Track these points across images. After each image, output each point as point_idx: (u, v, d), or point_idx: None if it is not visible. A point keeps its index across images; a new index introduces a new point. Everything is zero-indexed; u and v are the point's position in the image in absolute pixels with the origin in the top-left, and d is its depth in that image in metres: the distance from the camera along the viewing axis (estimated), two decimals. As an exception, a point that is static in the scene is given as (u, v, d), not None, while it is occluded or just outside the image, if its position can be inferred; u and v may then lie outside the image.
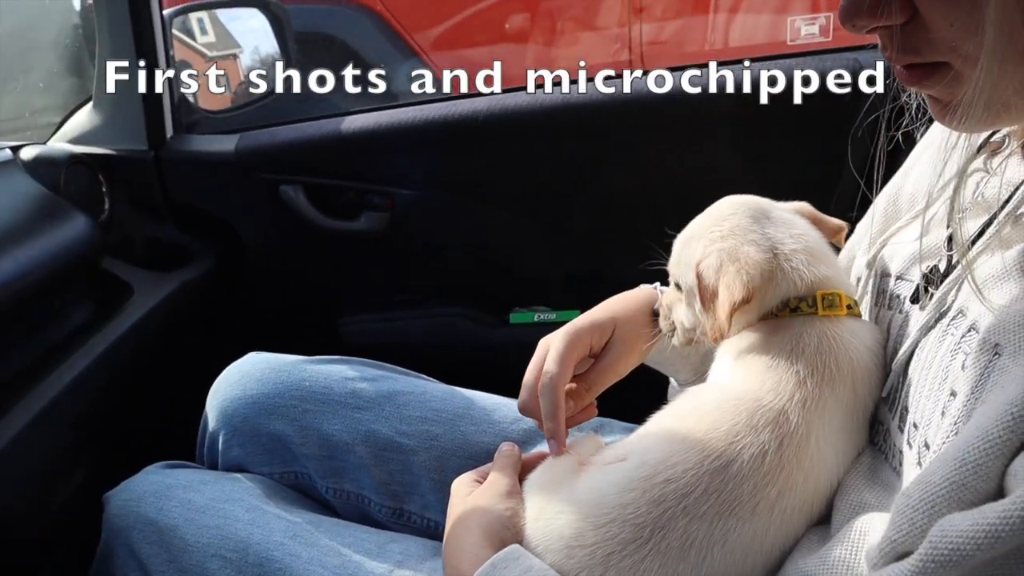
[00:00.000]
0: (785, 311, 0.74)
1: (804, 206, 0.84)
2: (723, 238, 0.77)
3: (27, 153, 1.49)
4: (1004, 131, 0.69)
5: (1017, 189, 0.62)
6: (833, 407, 0.70)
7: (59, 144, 1.67)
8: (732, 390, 0.72)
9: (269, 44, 2.27)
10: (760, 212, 0.79)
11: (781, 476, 0.67)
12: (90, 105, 1.71)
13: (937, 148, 0.78)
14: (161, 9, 1.64)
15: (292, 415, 1.09)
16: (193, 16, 2.90)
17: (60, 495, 1.31)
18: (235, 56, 3.25)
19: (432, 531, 1.05)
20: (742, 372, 0.73)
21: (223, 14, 3.11)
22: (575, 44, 3.26)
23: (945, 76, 0.56)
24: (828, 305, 0.75)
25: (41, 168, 1.48)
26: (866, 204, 0.89)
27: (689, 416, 0.72)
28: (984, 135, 0.71)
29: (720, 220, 0.79)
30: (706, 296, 0.75)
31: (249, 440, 1.12)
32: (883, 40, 0.59)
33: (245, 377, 1.14)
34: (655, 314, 0.91)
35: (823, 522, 0.68)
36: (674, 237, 0.85)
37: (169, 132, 1.71)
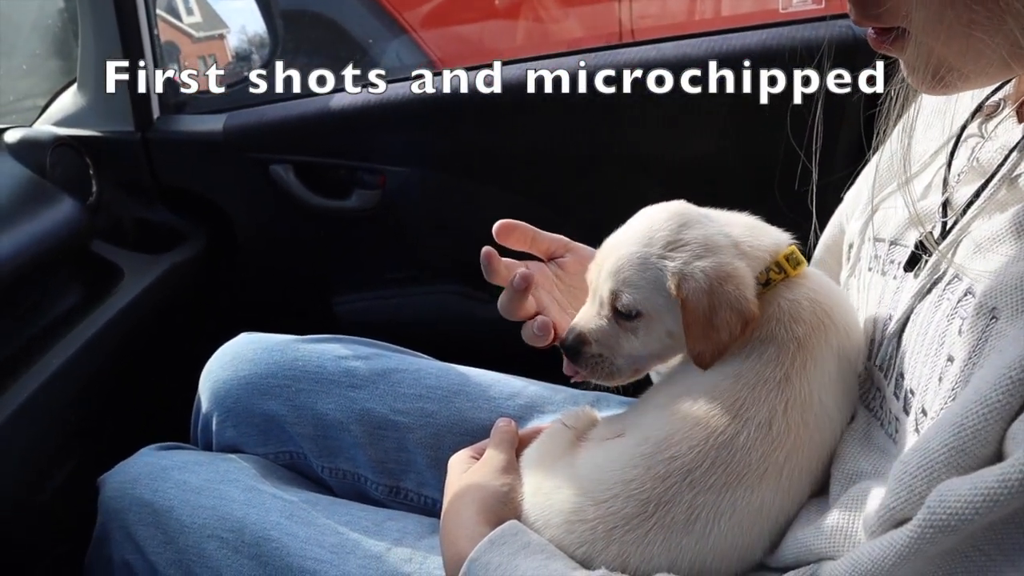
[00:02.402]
0: (760, 289, 0.72)
1: None
2: (699, 256, 0.71)
3: (11, 136, 1.48)
4: (999, 96, 0.68)
5: (1011, 152, 0.61)
6: (828, 357, 0.69)
7: (44, 127, 1.65)
8: (728, 369, 0.70)
9: (256, 23, 2.25)
10: (703, 215, 0.76)
11: (789, 439, 0.66)
12: (75, 87, 1.69)
13: (931, 113, 0.78)
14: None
15: (285, 395, 1.09)
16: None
17: (54, 479, 1.30)
18: (222, 36, 3.22)
19: (429, 508, 1.05)
20: (738, 351, 0.71)
21: (209, -8, 3.07)
22: (566, 18, 3.23)
23: (906, 42, 0.58)
24: (795, 264, 0.74)
25: (26, 151, 1.46)
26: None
27: (688, 394, 0.71)
28: (978, 100, 0.70)
29: (675, 232, 0.73)
30: (697, 321, 0.70)
31: (243, 421, 1.11)
32: (849, 4, 0.60)
33: (237, 358, 1.13)
34: (570, 352, 0.79)
35: (821, 493, 0.68)
36: None
37: (156, 113, 1.69)
